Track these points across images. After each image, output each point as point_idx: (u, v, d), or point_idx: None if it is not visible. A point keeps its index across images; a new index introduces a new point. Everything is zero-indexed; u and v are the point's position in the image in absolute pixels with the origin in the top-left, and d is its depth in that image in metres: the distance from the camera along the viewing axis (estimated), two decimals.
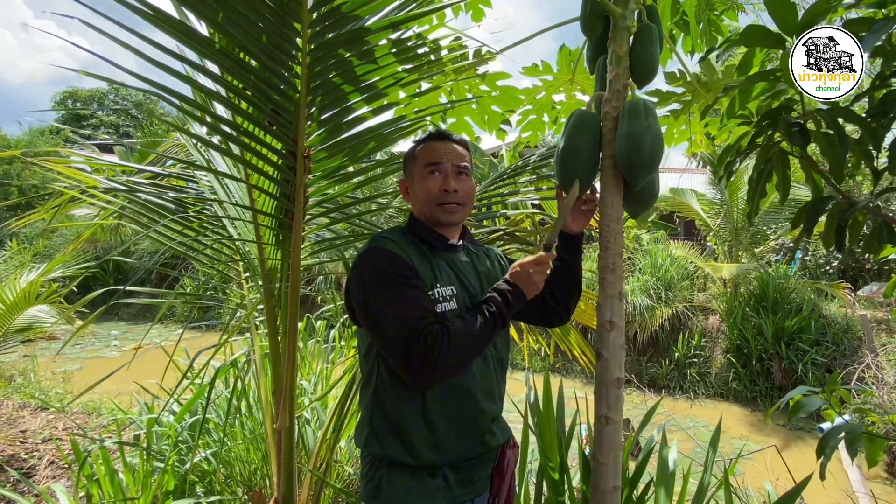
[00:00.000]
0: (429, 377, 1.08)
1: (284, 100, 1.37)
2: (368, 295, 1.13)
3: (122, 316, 11.23)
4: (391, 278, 1.12)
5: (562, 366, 8.36)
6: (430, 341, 1.06)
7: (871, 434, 1.60)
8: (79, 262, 3.68)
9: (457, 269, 1.26)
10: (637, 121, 1.36)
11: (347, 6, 1.31)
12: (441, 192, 1.24)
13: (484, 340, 1.16)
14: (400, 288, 1.12)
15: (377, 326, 1.11)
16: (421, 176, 1.26)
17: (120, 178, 1.55)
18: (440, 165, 1.25)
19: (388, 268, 1.14)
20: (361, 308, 1.15)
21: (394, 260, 1.15)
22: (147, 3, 1.15)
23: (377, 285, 1.12)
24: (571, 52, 2.27)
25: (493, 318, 1.16)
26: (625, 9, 1.47)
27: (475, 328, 1.13)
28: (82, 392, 1.77)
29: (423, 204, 1.26)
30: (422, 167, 1.26)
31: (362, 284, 1.14)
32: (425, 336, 1.07)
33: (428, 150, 1.27)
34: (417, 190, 1.27)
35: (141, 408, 2.61)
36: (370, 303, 1.12)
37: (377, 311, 1.11)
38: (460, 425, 1.18)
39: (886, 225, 1.40)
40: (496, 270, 1.38)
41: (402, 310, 1.09)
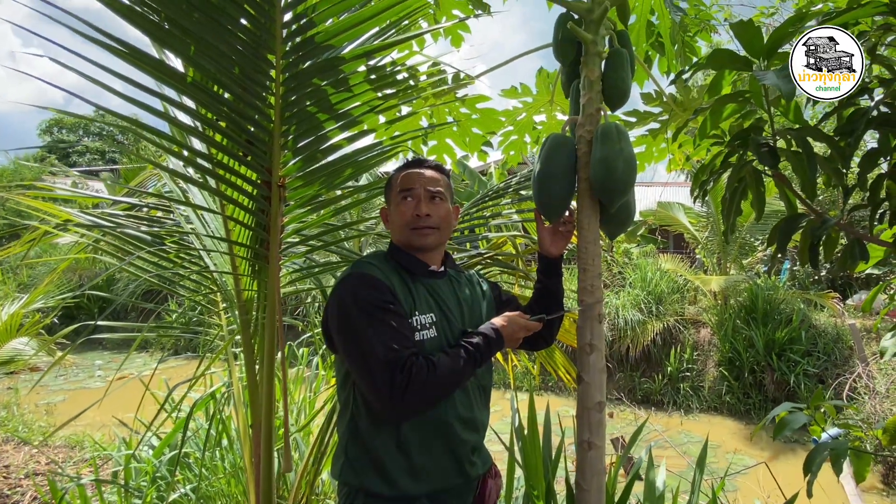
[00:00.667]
0: (406, 409, 1.07)
1: (258, 130, 1.37)
2: (350, 321, 1.11)
3: (107, 345, 11.01)
4: (374, 304, 1.11)
5: (553, 384, 8.31)
6: (414, 372, 1.05)
7: (857, 450, 1.60)
8: (62, 291, 3.63)
9: (437, 296, 1.25)
10: (610, 144, 1.38)
11: (321, 36, 1.32)
12: (413, 216, 1.24)
13: (464, 378, 1.15)
14: (383, 315, 1.11)
15: (358, 353, 1.09)
16: (395, 202, 1.28)
17: (95, 211, 1.54)
18: (412, 191, 1.26)
19: (371, 293, 1.12)
20: (341, 334, 1.13)
21: (376, 285, 1.14)
22: (122, 41, 1.16)
23: (359, 311, 1.10)
24: (550, 74, 2.31)
25: (473, 358, 1.15)
26: (596, 35, 1.49)
27: (459, 365, 1.12)
28: (60, 426, 1.73)
29: (399, 229, 1.27)
30: (395, 193, 1.28)
31: (344, 310, 1.12)
32: (409, 367, 1.05)
33: (402, 177, 1.28)
34: (393, 216, 1.29)
35: (119, 443, 2.54)
36: (351, 329, 1.10)
37: (359, 337, 1.09)
38: (438, 455, 1.16)
39: (859, 242, 1.41)
40: (477, 295, 1.37)
41: (386, 338, 1.08)
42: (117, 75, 1.18)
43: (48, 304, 3.32)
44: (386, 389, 1.04)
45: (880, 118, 1.34)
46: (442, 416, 1.16)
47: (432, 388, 1.07)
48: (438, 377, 1.08)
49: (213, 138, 1.42)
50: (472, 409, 1.24)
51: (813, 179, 1.39)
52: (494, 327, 1.22)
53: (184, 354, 6.88)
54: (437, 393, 1.10)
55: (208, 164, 1.46)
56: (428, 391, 1.07)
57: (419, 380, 1.04)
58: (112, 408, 2.70)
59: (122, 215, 1.62)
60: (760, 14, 2.77)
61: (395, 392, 1.04)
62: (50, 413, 6.16)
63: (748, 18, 1.47)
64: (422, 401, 1.07)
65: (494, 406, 7.03)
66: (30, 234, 1.66)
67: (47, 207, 1.56)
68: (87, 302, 10.83)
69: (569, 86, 1.65)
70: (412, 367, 1.05)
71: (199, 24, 1.21)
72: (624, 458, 2.39)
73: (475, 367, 1.16)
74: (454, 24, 2.19)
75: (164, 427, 2.53)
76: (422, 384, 1.05)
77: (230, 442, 2.26)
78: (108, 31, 1.15)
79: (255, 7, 1.24)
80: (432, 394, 1.08)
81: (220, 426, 2.23)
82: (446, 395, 1.14)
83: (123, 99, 1.20)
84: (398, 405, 1.05)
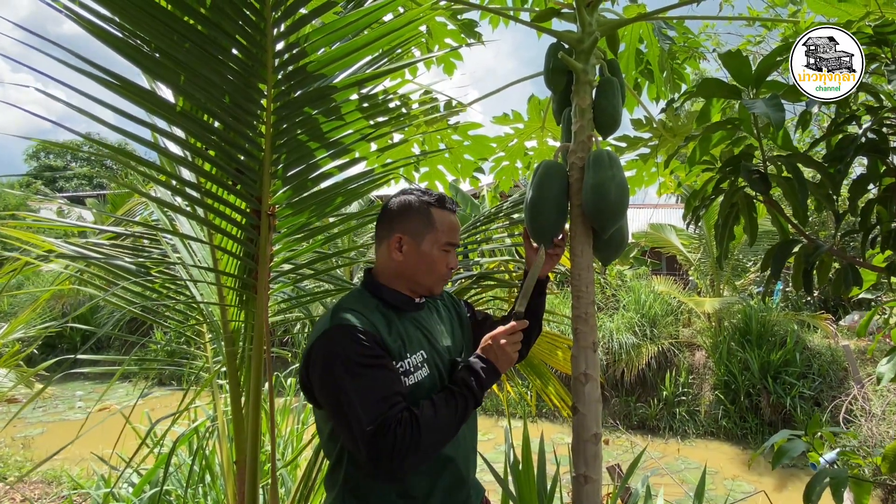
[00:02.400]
0: (400, 470, 1.01)
1: (248, 159, 1.35)
2: (333, 381, 1.04)
3: (88, 375, 10.72)
4: (357, 362, 1.04)
5: (548, 410, 8.19)
6: (399, 435, 1.00)
7: (857, 478, 1.56)
8: (44, 320, 3.54)
9: (424, 329, 1.21)
10: (602, 171, 1.38)
11: (313, 66, 1.32)
12: (448, 269, 1.23)
13: (455, 424, 1.09)
14: (367, 371, 1.04)
15: (342, 417, 1.03)
16: (436, 248, 1.20)
17: (79, 241, 1.50)
18: (455, 246, 1.23)
19: (354, 348, 1.05)
20: (326, 397, 1.07)
21: (359, 339, 1.06)
22: (111, 71, 1.15)
23: (343, 370, 1.03)
24: (541, 101, 2.34)
25: (464, 399, 1.10)
26: (586, 64, 1.51)
27: (445, 412, 1.06)
28: (37, 465, 1.65)
29: (429, 274, 1.21)
30: (443, 242, 1.21)
31: (327, 369, 1.05)
32: (395, 430, 1.00)
33: (450, 226, 1.23)
34: (427, 258, 1.20)
35: (98, 480, 2.44)
36: (335, 390, 1.04)
37: (342, 401, 1.03)
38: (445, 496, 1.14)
39: (852, 267, 1.41)
40: (452, 316, 1.35)
41: (369, 399, 1.02)
42: (106, 105, 1.16)
43: (29, 334, 3.23)
44: (374, 457, 0.99)
45: (868, 145, 1.36)
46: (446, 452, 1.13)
47: (423, 446, 1.02)
48: (427, 433, 1.02)
49: (202, 167, 1.40)
50: (468, 440, 1.22)
51: (804, 205, 1.39)
52: (477, 354, 1.17)
53: (168, 386, 6.72)
54: (428, 448, 1.04)
55: (197, 193, 1.44)
56: (418, 450, 1.01)
57: (405, 442, 0.99)
58: (92, 441, 2.60)
59: (108, 245, 1.58)
60: (747, 43, 2.84)
61: (382, 459, 0.99)
62: (27, 446, 5.96)
63: (736, 48, 1.49)
64: (413, 461, 1.02)
65: (488, 434, 6.89)
66: (10, 265, 1.62)
67: (30, 238, 1.52)
68: (69, 331, 10.58)
69: (560, 113, 1.66)
70: (396, 431, 1.00)
71: (189, 54, 1.20)
72: (621, 489, 2.33)
73: (470, 407, 1.11)
74: (446, 53, 2.21)
75: (146, 462, 2.44)
76: (408, 447, 1.00)
77: (213, 478, 2.17)
78: (97, 59, 1.14)
79: (247, 37, 1.23)
80: (424, 451, 1.03)
81: (204, 462, 2.14)
82: (439, 447, 1.08)
83: (112, 129, 1.18)
84: (388, 471, 1.00)
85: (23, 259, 1.50)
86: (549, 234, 1.43)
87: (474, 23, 2.17)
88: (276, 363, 7.05)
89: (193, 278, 1.59)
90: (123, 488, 2.18)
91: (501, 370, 1.16)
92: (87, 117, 1.13)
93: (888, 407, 5.87)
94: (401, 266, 1.20)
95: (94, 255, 1.47)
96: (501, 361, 1.16)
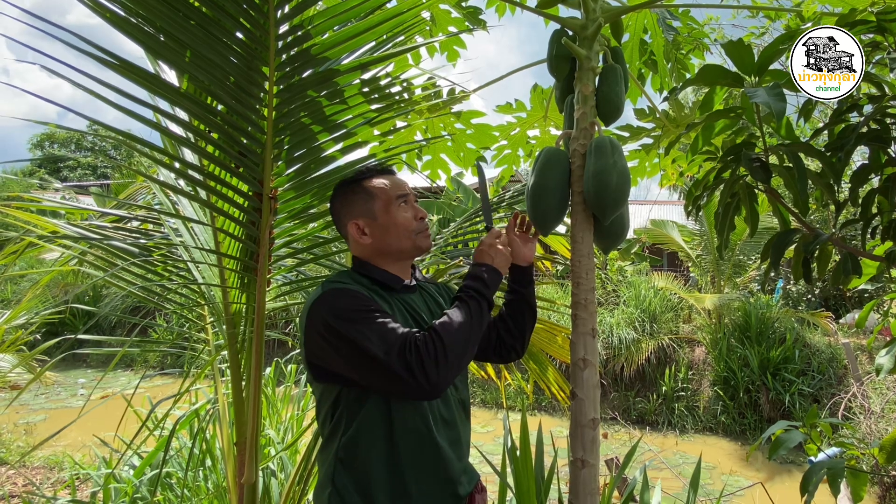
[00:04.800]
0: (437, 382, 1.01)
1: (251, 142, 1.36)
2: (339, 335, 1.04)
3: (91, 363, 10.75)
4: (354, 310, 1.06)
5: (547, 403, 8.22)
6: (423, 347, 1.00)
7: (854, 468, 1.57)
8: (47, 307, 3.56)
9: (414, 312, 1.21)
10: (603, 158, 1.38)
11: (316, 49, 1.32)
12: (419, 220, 1.22)
13: (476, 326, 1.09)
14: (369, 314, 1.05)
15: (362, 359, 1.02)
16: (390, 209, 1.21)
17: (81, 223, 1.51)
18: (408, 196, 1.23)
19: (349, 301, 1.08)
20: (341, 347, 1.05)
21: (353, 294, 1.09)
22: (115, 54, 1.15)
23: (345, 322, 1.04)
24: (544, 90, 2.33)
25: (475, 301, 1.11)
26: (589, 51, 1.51)
27: (462, 317, 1.07)
28: (37, 445, 1.67)
29: (402, 236, 1.20)
30: (393, 199, 1.21)
31: (337, 325, 1.05)
32: (416, 344, 1.01)
33: (389, 184, 1.23)
34: (389, 224, 1.20)
35: (100, 462, 2.46)
36: (353, 338, 1.03)
37: (362, 343, 1.02)
38: (431, 478, 1.12)
39: (851, 256, 1.41)
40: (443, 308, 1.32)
41: (381, 330, 1.03)
42: (110, 87, 1.16)
43: (31, 320, 3.25)
44: (407, 376, 0.99)
45: (870, 134, 1.36)
46: (433, 438, 1.12)
47: (450, 353, 1.02)
48: (450, 339, 1.03)
49: (205, 149, 1.40)
50: (456, 427, 1.19)
51: (805, 194, 1.39)
52: (472, 262, 1.19)
53: (170, 372, 6.75)
54: (456, 354, 1.03)
55: (200, 175, 1.44)
56: (447, 357, 1.01)
57: (432, 352, 1.00)
58: (94, 427, 2.62)
59: (110, 227, 1.59)
60: (750, 35, 2.83)
61: (416, 375, 0.99)
62: (29, 433, 6.00)
63: (739, 38, 1.49)
64: (446, 370, 1.01)
65: (487, 426, 6.91)
66: (13, 246, 1.63)
67: (32, 219, 1.53)
68: (71, 318, 10.64)
69: (563, 101, 1.65)
70: (418, 344, 1.01)
71: (194, 35, 1.20)
72: (618, 479, 2.34)
73: (483, 312, 1.11)
74: (449, 39, 2.21)
75: (147, 446, 2.46)
76: (436, 355, 1.00)
77: (214, 461, 2.19)
78: (102, 45, 1.14)
79: (250, 19, 1.23)
80: (452, 357, 1.02)
81: (204, 445, 2.16)
82: (467, 352, 1.07)
83: (117, 109, 1.18)
84: (426, 384, 1.00)
85: (27, 240, 1.51)
86: (551, 220, 1.43)
87: (479, 10, 2.16)
88: (277, 350, 7.02)
89: (195, 261, 1.60)
90: (125, 471, 2.20)
91: (501, 269, 1.20)
92: (91, 105, 1.13)
93: (887, 405, 5.88)
94: (375, 244, 1.21)
95: (96, 237, 1.48)
96: (498, 260, 1.20)
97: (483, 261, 1.20)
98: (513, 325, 1.39)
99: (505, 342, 1.39)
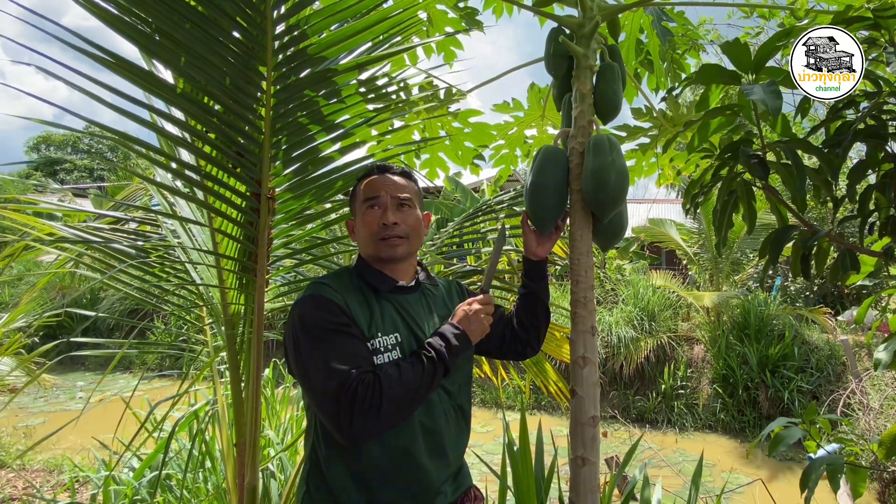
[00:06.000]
0: (361, 433, 0.98)
1: (248, 142, 1.36)
2: (298, 346, 1.04)
3: (89, 366, 10.71)
4: (323, 327, 1.04)
5: (546, 402, 8.22)
6: (360, 394, 0.97)
7: (853, 464, 1.58)
8: (45, 310, 3.55)
9: (405, 312, 1.17)
10: (602, 156, 1.38)
11: (313, 48, 1.32)
12: (380, 226, 1.17)
13: (423, 389, 1.05)
14: (332, 337, 1.03)
15: (306, 379, 1.03)
16: (361, 212, 1.20)
17: (78, 225, 1.51)
18: (378, 199, 1.19)
19: (321, 316, 1.05)
20: (291, 359, 1.07)
21: (327, 307, 1.06)
22: (111, 52, 1.14)
23: (307, 336, 1.04)
24: (541, 89, 2.33)
25: (431, 363, 1.06)
26: (587, 49, 1.51)
27: (411, 376, 1.03)
28: (34, 444, 1.66)
29: (366, 241, 1.19)
30: (360, 202, 1.21)
31: (293, 334, 1.06)
32: (356, 389, 0.97)
33: (366, 185, 1.22)
34: (359, 228, 1.21)
35: (99, 464, 2.45)
36: (299, 354, 1.04)
37: (306, 363, 1.02)
38: (401, 490, 1.08)
39: (850, 252, 1.41)
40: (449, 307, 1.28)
41: (332, 361, 1.00)
42: (106, 87, 1.16)
43: (29, 324, 3.24)
44: (334, 418, 0.97)
45: (867, 131, 1.36)
46: (403, 446, 1.08)
47: (385, 409, 0.98)
48: (389, 395, 0.99)
49: (202, 150, 1.40)
50: (442, 435, 1.13)
51: (802, 191, 1.40)
52: (449, 322, 1.15)
53: (168, 374, 6.73)
54: (391, 412, 0.99)
55: (197, 175, 1.44)
56: (380, 413, 0.97)
57: (366, 402, 0.96)
58: (93, 429, 2.61)
59: (107, 229, 1.58)
60: (746, 35, 2.84)
61: (342, 420, 0.96)
62: (28, 436, 5.98)
63: (735, 38, 1.49)
64: (375, 424, 0.98)
65: (487, 426, 6.91)
66: (10, 248, 1.62)
67: (29, 221, 1.52)
68: (69, 321, 10.60)
69: (560, 99, 1.66)
70: (357, 389, 0.97)
71: (190, 35, 1.20)
72: (618, 477, 2.35)
73: (438, 372, 1.07)
74: (446, 39, 2.21)
75: (147, 448, 2.45)
76: (369, 407, 0.97)
77: (213, 462, 2.18)
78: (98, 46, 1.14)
79: (247, 19, 1.23)
80: (386, 414, 0.99)
81: (203, 446, 2.16)
82: (404, 412, 1.03)
83: (113, 110, 1.18)
84: (349, 433, 0.97)
85: (23, 242, 1.50)
86: (549, 218, 1.43)
87: (476, 11, 2.16)
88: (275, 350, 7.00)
89: (193, 262, 1.60)
90: (124, 473, 2.20)
91: (473, 339, 1.14)
92: (88, 107, 1.13)
93: (886, 401, 5.89)
94: (360, 247, 1.24)
95: (94, 239, 1.47)
96: (474, 328, 1.14)
97: (460, 324, 1.14)
98: (525, 320, 1.38)
99: (519, 337, 1.38)
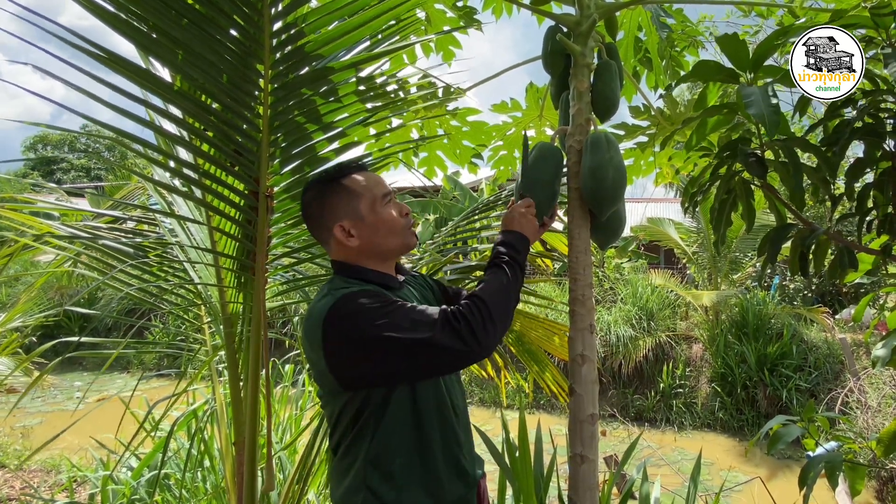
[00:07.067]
0: (488, 342, 1.01)
1: (246, 140, 1.35)
2: (371, 335, 0.99)
3: (87, 366, 10.67)
4: (384, 307, 1.01)
5: (545, 402, 8.22)
6: (467, 313, 1.01)
7: (852, 462, 1.58)
8: (42, 310, 3.54)
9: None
10: (599, 154, 1.38)
11: (311, 46, 1.31)
12: (403, 216, 1.20)
13: (514, 288, 1.13)
14: (397, 306, 1.02)
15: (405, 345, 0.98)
16: (379, 208, 1.17)
17: (77, 224, 1.50)
18: (391, 194, 1.21)
19: (376, 302, 1.02)
20: (373, 348, 0.99)
21: (372, 294, 1.05)
22: (107, 49, 1.14)
23: (380, 317, 0.99)
24: (539, 89, 2.33)
25: (510, 266, 1.14)
26: (584, 47, 1.51)
27: (500, 280, 1.11)
28: (36, 450, 1.66)
29: (390, 235, 1.17)
30: (378, 198, 1.17)
31: (362, 327, 0.99)
32: (460, 312, 1.01)
33: (372, 182, 1.20)
34: (378, 224, 1.16)
35: (97, 464, 2.45)
36: (381, 337, 0.98)
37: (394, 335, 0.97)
38: (455, 464, 1.15)
39: (848, 250, 1.41)
40: (428, 295, 1.35)
41: (416, 315, 1.01)
42: (103, 82, 1.16)
43: (27, 324, 3.23)
44: (459, 344, 0.98)
45: (865, 129, 1.36)
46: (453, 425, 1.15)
47: (494, 313, 1.03)
48: (492, 301, 1.05)
49: (199, 148, 1.40)
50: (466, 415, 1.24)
51: (800, 189, 1.40)
52: (505, 231, 1.23)
53: (167, 373, 6.72)
54: (500, 314, 1.05)
55: (195, 174, 1.43)
56: (493, 318, 1.02)
57: (477, 315, 1.01)
58: (91, 429, 2.61)
59: (105, 228, 1.58)
60: (745, 34, 2.84)
61: (467, 341, 0.99)
62: (26, 436, 5.97)
63: (733, 33, 1.49)
64: (494, 330, 1.02)
65: (486, 425, 6.91)
66: (7, 249, 1.62)
67: (26, 219, 1.52)
68: (67, 321, 10.57)
69: (558, 97, 1.66)
70: (461, 312, 1.01)
71: (187, 33, 1.19)
72: (617, 476, 2.35)
73: (517, 271, 1.15)
74: (445, 38, 2.20)
75: (145, 447, 2.44)
76: (482, 317, 1.01)
77: (212, 462, 2.18)
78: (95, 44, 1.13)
79: (244, 17, 1.23)
80: (498, 317, 1.04)
81: (202, 445, 2.15)
82: (509, 312, 1.10)
83: (110, 109, 1.17)
84: (477, 347, 1.00)
85: (21, 241, 1.50)
86: (538, 214, 1.43)
87: (474, 10, 2.16)
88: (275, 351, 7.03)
89: (192, 261, 1.59)
90: (122, 472, 2.19)
91: (530, 237, 1.24)
92: (85, 106, 1.12)
93: (884, 399, 5.91)
94: (363, 246, 1.16)
95: (91, 238, 1.47)
96: (528, 229, 1.25)
97: (513, 228, 1.24)
98: None
99: None
